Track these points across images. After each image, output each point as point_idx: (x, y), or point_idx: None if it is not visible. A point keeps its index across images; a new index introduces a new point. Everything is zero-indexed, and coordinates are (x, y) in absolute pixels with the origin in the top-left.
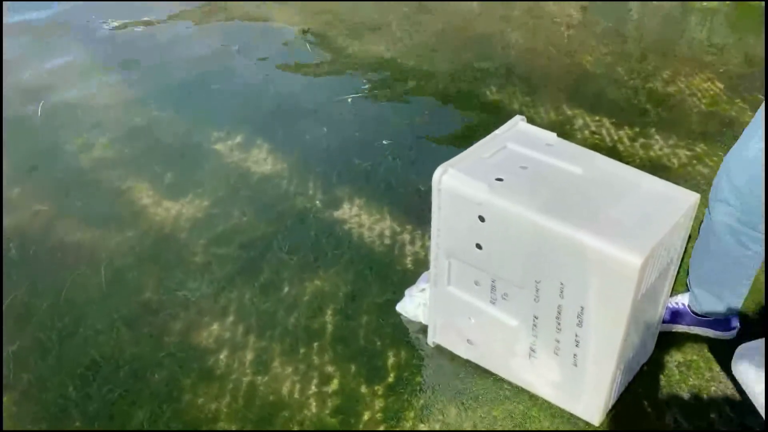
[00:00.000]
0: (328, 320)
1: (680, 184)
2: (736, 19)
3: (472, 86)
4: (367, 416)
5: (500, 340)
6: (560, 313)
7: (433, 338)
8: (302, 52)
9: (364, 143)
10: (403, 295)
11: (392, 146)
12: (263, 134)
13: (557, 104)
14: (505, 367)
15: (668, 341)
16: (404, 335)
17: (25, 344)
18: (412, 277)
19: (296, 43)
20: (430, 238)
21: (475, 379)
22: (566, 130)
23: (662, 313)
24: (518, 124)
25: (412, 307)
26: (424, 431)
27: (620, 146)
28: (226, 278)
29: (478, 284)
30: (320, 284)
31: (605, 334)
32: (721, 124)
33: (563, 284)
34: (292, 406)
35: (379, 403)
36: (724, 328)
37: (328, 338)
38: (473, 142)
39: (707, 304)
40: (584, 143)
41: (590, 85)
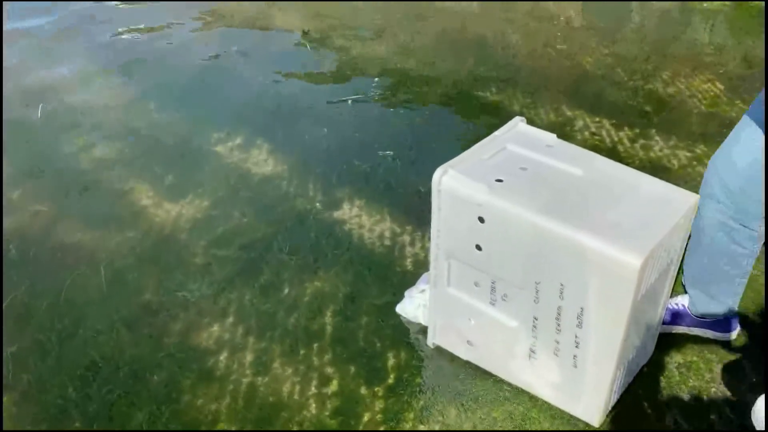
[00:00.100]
0: (327, 321)
1: (680, 185)
2: (736, 20)
3: (472, 87)
4: (366, 417)
5: (500, 341)
6: (560, 314)
7: (432, 339)
8: (303, 53)
9: (364, 144)
10: (402, 296)
11: (392, 147)
12: (263, 135)
13: (557, 105)
14: (504, 368)
15: (668, 342)
16: (404, 336)
17: (24, 345)
18: (412, 278)
19: (296, 44)
20: (430, 239)
21: (474, 380)
22: (566, 131)
23: (662, 314)
24: (518, 125)
25: (411, 308)
26: None
27: (620, 147)
28: (225, 279)
29: (477, 285)
30: (320, 285)
31: (605, 335)
32: (721, 125)
33: (563, 285)
34: (291, 407)
35: (378, 404)
36: (723, 329)
37: (327, 339)
38: (473, 143)
39: (703, 305)
40: (584, 144)
41: (590, 86)
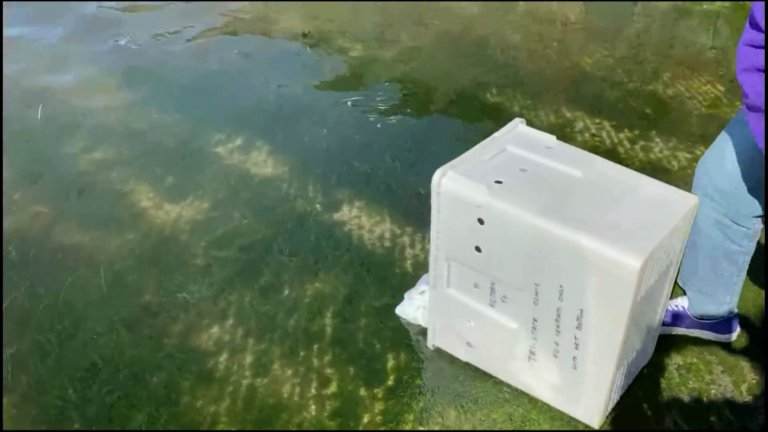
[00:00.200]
0: (327, 323)
1: (680, 186)
2: (735, 21)
3: (472, 88)
4: (366, 419)
5: (500, 342)
6: (560, 315)
7: (432, 341)
8: (303, 55)
9: (363, 146)
10: (402, 297)
11: (392, 149)
12: (263, 137)
13: (557, 107)
14: (504, 369)
15: (668, 344)
16: (404, 338)
17: (24, 346)
18: (411, 279)
19: (297, 46)
20: (429, 240)
21: (474, 381)
22: (567, 132)
23: (662, 315)
24: (518, 126)
25: (411, 309)
26: None
27: (620, 149)
28: (225, 280)
29: (477, 287)
30: (320, 287)
31: (605, 336)
32: (721, 126)
33: (562, 287)
34: (291, 408)
35: (378, 405)
36: (723, 330)
37: (327, 341)
38: (473, 144)
39: (701, 305)
40: (584, 146)
41: (590, 87)
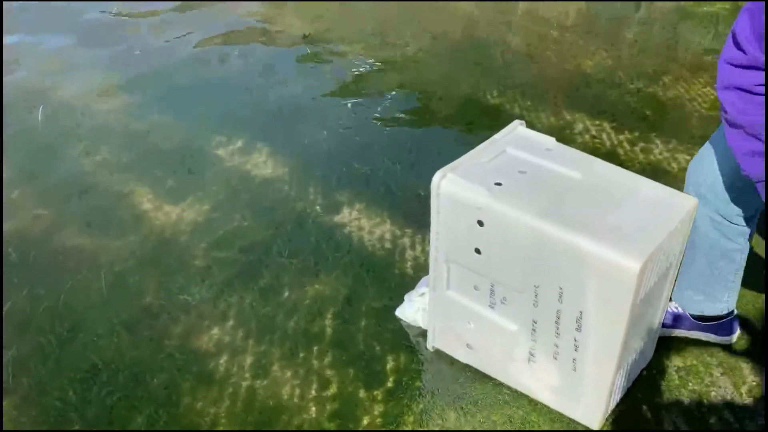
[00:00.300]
0: (327, 324)
1: (680, 188)
2: None
3: (472, 90)
4: (366, 421)
5: (499, 344)
6: (559, 317)
7: (432, 342)
8: (303, 56)
9: (363, 147)
10: (402, 299)
11: (392, 150)
12: (264, 138)
13: (558, 108)
14: (504, 371)
15: (667, 346)
16: (404, 340)
17: (25, 348)
18: (412, 281)
19: (297, 48)
20: (429, 242)
21: (474, 383)
22: (567, 134)
23: (661, 317)
24: (517, 128)
25: (411, 311)
26: None
27: (620, 150)
28: (226, 282)
29: (477, 289)
30: (320, 288)
31: (604, 338)
32: None
33: (562, 289)
34: (291, 410)
35: (378, 407)
36: (723, 332)
37: (327, 342)
38: (473, 146)
39: (697, 304)
40: (584, 147)
41: (590, 89)
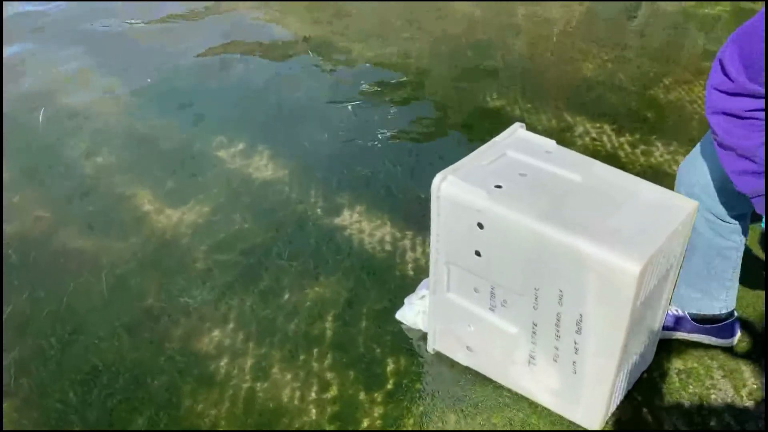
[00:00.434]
0: (327, 327)
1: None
2: (736, 25)
3: (472, 92)
4: (366, 423)
5: (499, 347)
6: (559, 320)
7: (432, 345)
8: (304, 59)
9: (364, 150)
10: (403, 302)
11: (392, 152)
12: (264, 140)
13: (558, 111)
14: (504, 374)
15: (668, 348)
16: (404, 342)
17: (26, 350)
18: (412, 283)
19: (298, 50)
20: (430, 244)
21: (474, 386)
22: (567, 136)
23: (662, 320)
24: (518, 131)
25: (411, 314)
26: None
27: (621, 153)
28: (226, 284)
29: (477, 291)
30: (320, 291)
31: (604, 341)
32: None
33: (562, 291)
34: (291, 412)
35: (378, 410)
36: (724, 334)
37: (327, 345)
38: (473, 148)
39: (695, 302)
40: (585, 150)
41: (591, 91)
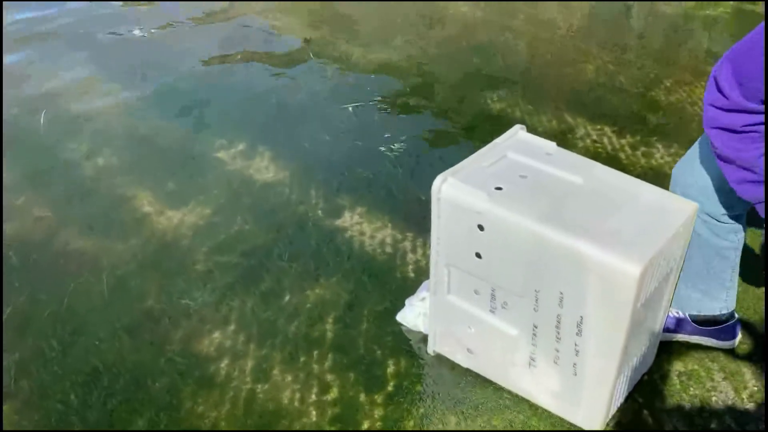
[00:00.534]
0: (328, 329)
1: None
2: (736, 27)
3: (473, 94)
4: (366, 425)
5: (500, 349)
6: (560, 322)
7: (433, 347)
8: (304, 60)
9: (365, 152)
10: (403, 303)
11: (393, 154)
12: (265, 142)
13: (559, 113)
14: (504, 376)
15: (669, 350)
16: (404, 344)
17: (26, 352)
18: (413, 285)
19: (299, 52)
20: (430, 246)
21: (475, 388)
22: (568, 138)
23: (662, 322)
24: (518, 133)
25: (412, 316)
26: None
27: (622, 155)
28: (227, 286)
29: (477, 293)
30: (321, 292)
31: (605, 343)
32: None
33: (563, 293)
34: (291, 414)
35: (378, 411)
36: (725, 337)
37: (328, 347)
38: (474, 150)
39: (695, 303)
40: (586, 151)
41: (592, 93)
